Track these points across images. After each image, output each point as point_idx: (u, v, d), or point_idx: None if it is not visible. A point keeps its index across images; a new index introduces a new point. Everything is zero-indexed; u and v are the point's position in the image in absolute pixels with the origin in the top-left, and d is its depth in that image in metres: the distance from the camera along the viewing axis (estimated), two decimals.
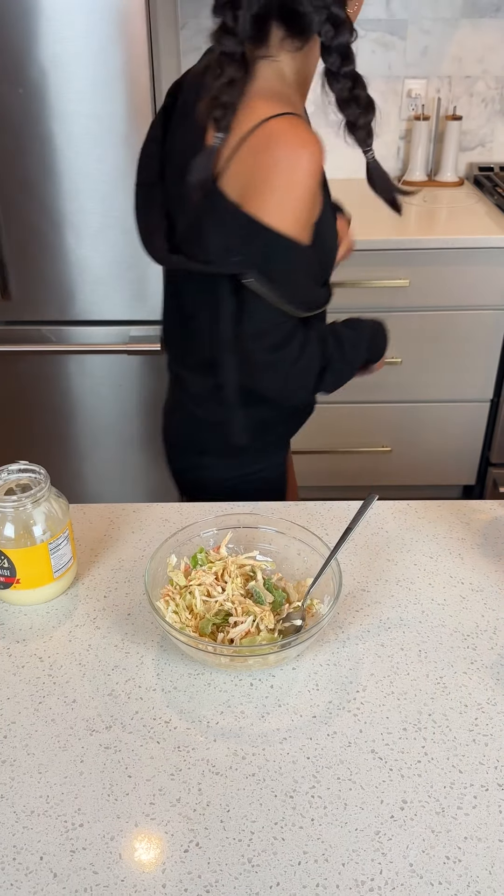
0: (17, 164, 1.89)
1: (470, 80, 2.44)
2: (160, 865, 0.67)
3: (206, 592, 0.88)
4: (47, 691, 0.83)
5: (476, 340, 2.21)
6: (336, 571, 0.87)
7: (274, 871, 0.66)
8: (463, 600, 0.94)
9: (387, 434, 2.34)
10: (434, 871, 0.66)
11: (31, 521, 0.89)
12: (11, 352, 2.09)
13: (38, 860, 0.67)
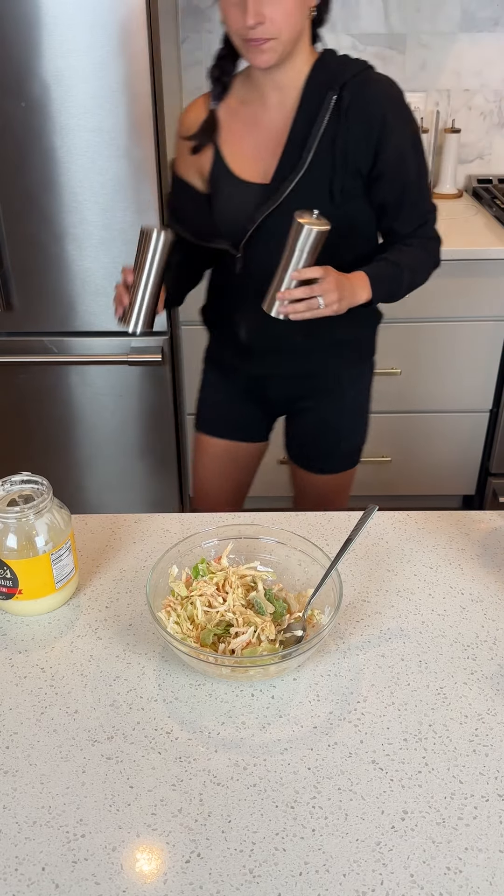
0: (19, 177, 1.91)
1: (468, 93, 2.46)
2: (162, 876, 0.67)
3: (207, 603, 0.89)
4: (49, 702, 0.83)
5: (475, 351, 2.21)
6: (337, 582, 0.88)
7: (275, 881, 0.66)
8: (463, 611, 0.94)
9: (387, 444, 2.34)
10: (435, 882, 0.66)
11: (33, 531, 0.90)
12: (13, 363, 2.10)
13: (41, 871, 0.67)
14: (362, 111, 1.22)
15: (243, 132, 1.32)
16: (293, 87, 1.27)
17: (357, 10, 2.34)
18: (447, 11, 2.35)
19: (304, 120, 1.24)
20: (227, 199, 1.34)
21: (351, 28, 2.37)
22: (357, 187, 1.27)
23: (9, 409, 2.19)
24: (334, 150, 1.23)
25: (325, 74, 1.24)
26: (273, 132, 1.29)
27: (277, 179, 1.27)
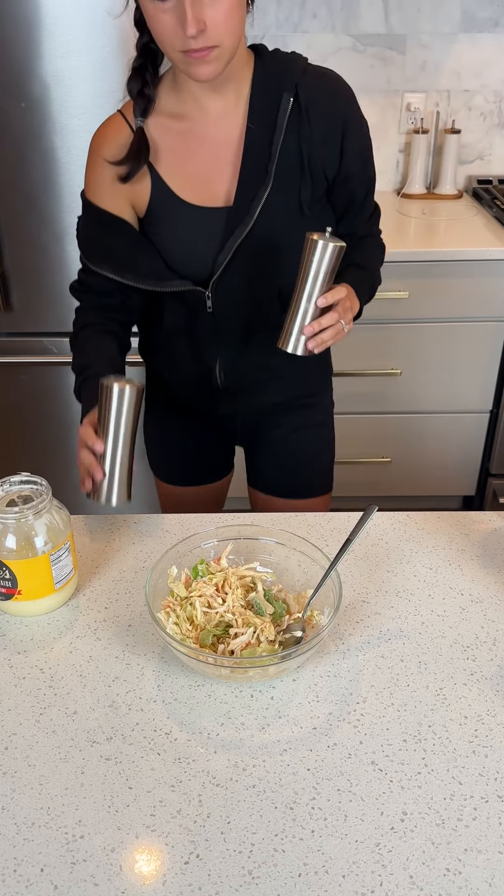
0: (18, 178, 1.91)
1: (468, 93, 2.46)
2: (161, 877, 0.67)
3: (206, 604, 0.89)
4: (48, 703, 0.83)
5: (475, 352, 2.21)
6: (336, 583, 0.88)
7: (274, 882, 0.66)
8: (463, 611, 0.94)
9: (387, 445, 2.34)
10: (434, 883, 0.66)
11: (32, 532, 0.90)
12: (13, 363, 2.10)
13: (39, 872, 0.67)
14: (323, 110, 1.11)
15: (183, 150, 1.13)
16: (237, 93, 1.11)
17: (357, 11, 2.34)
18: (447, 12, 2.35)
19: (260, 127, 1.10)
20: (183, 230, 1.15)
21: (351, 28, 2.37)
22: (323, 195, 1.16)
23: (8, 410, 2.19)
24: (300, 156, 1.11)
25: (271, 74, 1.11)
26: (222, 146, 1.13)
27: (242, 199, 1.11)
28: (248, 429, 1.38)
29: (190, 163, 1.14)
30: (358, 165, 1.16)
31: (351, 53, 2.40)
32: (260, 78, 1.12)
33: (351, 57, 2.41)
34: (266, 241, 1.13)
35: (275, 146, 1.10)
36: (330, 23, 2.35)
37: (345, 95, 1.13)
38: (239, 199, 1.12)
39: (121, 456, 1.01)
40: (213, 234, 1.14)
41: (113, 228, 1.16)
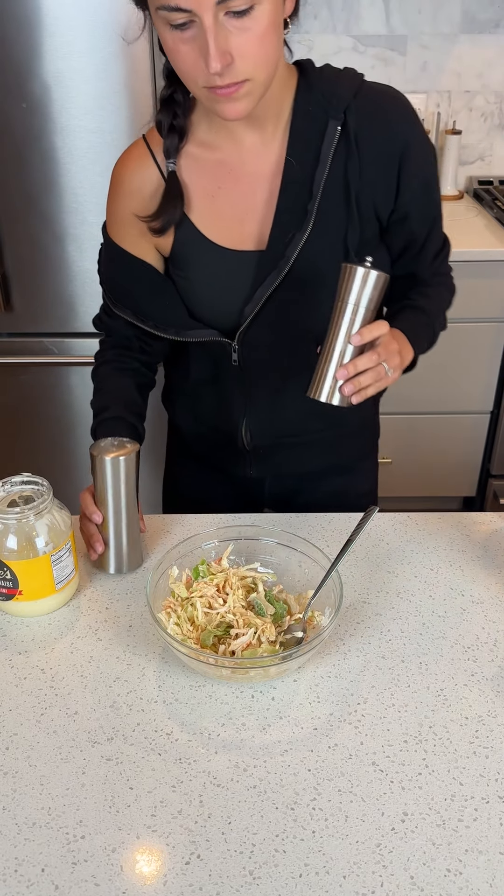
0: (19, 178, 1.91)
1: (469, 94, 2.47)
2: (161, 878, 0.67)
3: (207, 604, 0.89)
4: (49, 703, 0.83)
5: (476, 352, 2.21)
6: (337, 583, 0.88)
7: (275, 883, 0.66)
8: (463, 612, 0.94)
9: (387, 445, 2.32)
10: (435, 884, 0.66)
11: (33, 532, 0.90)
12: (14, 363, 2.10)
13: (40, 872, 0.67)
14: (377, 140, 0.96)
15: (214, 186, 1.02)
16: (276, 119, 0.98)
17: (358, 12, 2.35)
18: (448, 13, 2.35)
19: (301, 161, 0.97)
20: (212, 276, 1.04)
21: (352, 29, 2.37)
22: (375, 235, 1.02)
23: (9, 410, 2.19)
24: (347, 194, 0.97)
25: (316, 97, 0.96)
26: (257, 181, 1.00)
27: (277, 242, 0.99)
28: (278, 494, 1.25)
29: (221, 200, 1.02)
30: (418, 202, 1.01)
31: (352, 54, 2.40)
32: (303, 102, 0.97)
33: (352, 58, 2.41)
34: (302, 289, 1.00)
35: (316, 183, 0.96)
36: (331, 24, 2.36)
37: (404, 119, 0.98)
38: (273, 243, 0.99)
39: (125, 525, 0.98)
40: (242, 279, 1.02)
41: (135, 271, 1.07)
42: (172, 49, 0.86)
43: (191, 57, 0.85)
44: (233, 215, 1.02)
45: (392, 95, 0.99)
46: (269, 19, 0.84)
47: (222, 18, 0.82)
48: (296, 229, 0.98)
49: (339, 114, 0.95)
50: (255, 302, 1.01)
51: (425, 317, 1.08)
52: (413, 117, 0.98)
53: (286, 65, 0.97)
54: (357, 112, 0.96)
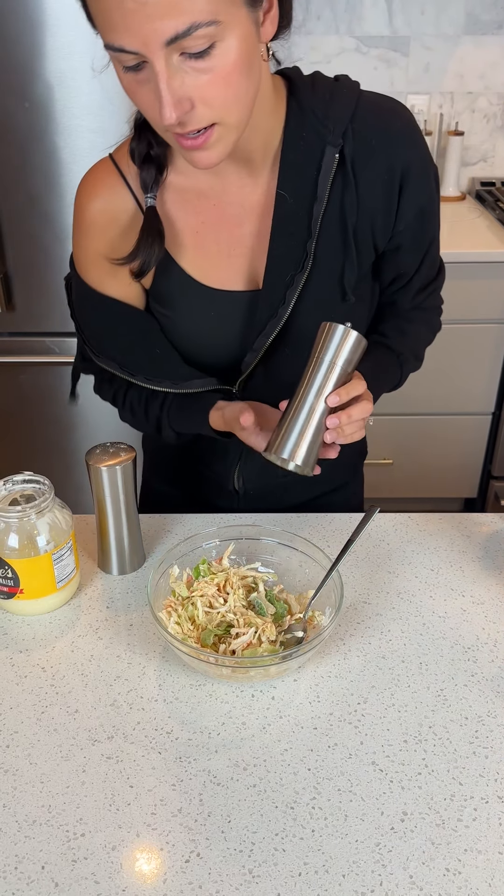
0: (22, 178, 1.91)
1: (472, 95, 2.47)
2: (161, 876, 0.67)
3: (208, 604, 0.89)
4: (50, 701, 0.83)
5: (477, 354, 2.22)
6: (337, 583, 0.88)
7: (274, 881, 0.66)
8: (464, 613, 0.94)
9: (388, 446, 2.34)
10: (434, 883, 0.66)
11: (34, 531, 0.90)
12: (15, 363, 2.10)
13: (40, 869, 0.67)
14: (377, 165, 0.87)
15: (197, 220, 0.93)
16: (265, 150, 0.88)
17: (361, 13, 2.35)
18: (451, 14, 2.36)
19: (296, 195, 0.88)
20: (200, 318, 0.96)
21: (355, 30, 2.37)
22: (369, 269, 0.96)
23: (10, 410, 2.19)
24: (344, 228, 0.89)
25: (309, 120, 0.86)
26: (245, 214, 0.92)
27: (274, 284, 0.91)
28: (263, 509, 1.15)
29: (205, 237, 0.93)
30: (416, 231, 0.93)
31: (354, 55, 2.40)
32: (295, 126, 0.87)
33: (354, 59, 2.41)
34: (301, 332, 0.93)
35: (314, 220, 0.88)
36: (334, 24, 2.36)
37: (406, 140, 0.88)
38: (270, 285, 0.92)
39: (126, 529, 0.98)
40: (233, 322, 0.95)
41: (119, 317, 0.96)
42: (129, 91, 0.76)
43: (148, 100, 0.75)
44: (219, 252, 0.93)
45: (391, 111, 0.89)
46: (237, 55, 0.72)
47: (177, 60, 0.71)
48: (294, 270, 0.90)
49: (338, 139, 0.86)
50: (256, 351, 0.95)
51: (395, 359, 1.02)
52: (415, 136, 0.90)
53: (272, 85, 0.86)
54: (355, 135, 0.86)
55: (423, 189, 0.92)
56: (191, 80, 0.72)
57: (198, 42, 0.70)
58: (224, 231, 0.93)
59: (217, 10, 0.69)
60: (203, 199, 0.92)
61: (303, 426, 0.83)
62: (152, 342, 0.98)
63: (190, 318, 0.97)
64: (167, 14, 0.67)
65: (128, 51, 0.71)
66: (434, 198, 0.94)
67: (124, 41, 0.70)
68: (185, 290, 0.95)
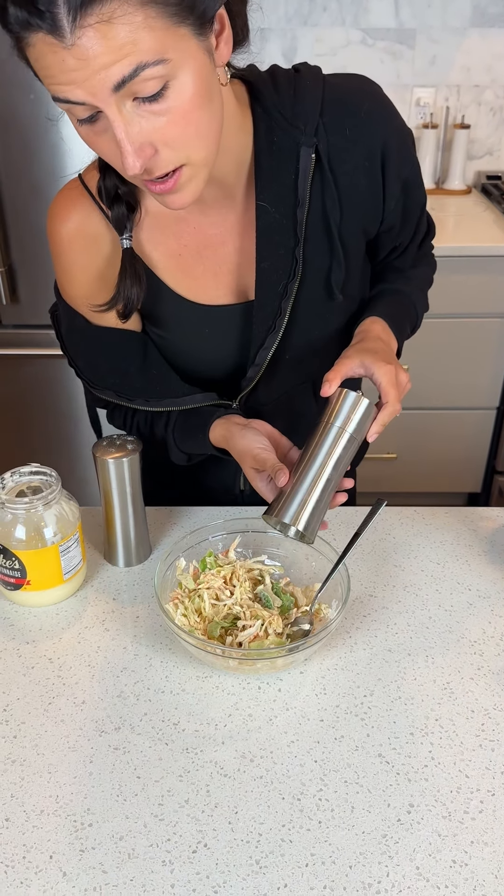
0: (26, 169, 1.91)
1: (478, 88, 2.46)
2: (168, 865, 0.67)
3: (214, 596, 0.89)
4: (57, 692, 0.83)
5: (483, 348, 2.21)
6: (344, 576, 0.88)
7: (281, 872, 0.67)
8: (470, 606, 0.94)
9: (392, 441, 2.34)
10: (440, 875, 0.66)
11: (41, 523, 0.90)
12: (20, 355, 2.10)
13: (48, 859, 0.68)
14: (355, 153, 0.85)
15: (177, 245, 0.91)
16: (238, 166, 0.86)
17: (367, 5, 2.34)
18: (458, 6, 2.34)
19: (276, 202, 0.86)
20: (194, 335, 0.95)
21: (360, 23, 2.36)
22: (358, 258, 0.94)
23: (15, 402, 2.19)
24: (327, 227, 0.88)
25: (278, 123, 0.84)
26: (226, 232, 0.91)
27: (268, 295, 0.90)
28: None
29: (188, 259, 0.92)
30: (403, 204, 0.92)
31: (360, 48, 2.39)
32: (264, 131, 0.84)
33: (360, 51, 2.40)
34: (299, 339, 0.94)
35: (300, 224, 0.87)
36: (340, 16, 2.35)
37: (377, 115, 0.86)
38: (263, 297, 0.90)
39: (132, 522, 0.97)
40: (227, 335, 0.95)
41: (114, 345, 0.95)
42: (88, 142, 0.73)
43: (109, 150, 0.72)
44: (204, 272, 0.92)
45: (359, 91, 0.86)
46: (193, 91, 0.69)
47: (131, 106, 0.67)
48: (286, 279, 0.89)
49: (311, 139, 0.83)
50: (259, 366, 0.94)
51: (407, 301, 1.00)
52: (386, 109, 0.87)
53: (234, 97, 0.82)
54: (327, 129, 0.84)
55: (404, 161, 0.89)
56: (149, 125, 0.69)
57: (148, 84, 0.66)
58: (207, 252, 0.92)
59: (163, 47, 0.65)
60: (182, 223, 0.91)
61: (307, 492, 0.82)
62: (149, 363, 0.96)
63: (184, 336, 0.96)
64: (110, 59, 0.63)
65: (76, 102, 0.67)
66: (416, 164, 0.92)
67: (70, 94, 0.66)
68: (177, 310, 0.94)
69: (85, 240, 0.89)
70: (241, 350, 0.96)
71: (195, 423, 0.98)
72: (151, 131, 0.69)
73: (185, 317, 0.94)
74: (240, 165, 0.86)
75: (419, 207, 0.97)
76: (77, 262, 0.91)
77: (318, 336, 0.96)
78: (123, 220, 0.86)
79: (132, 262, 0.87)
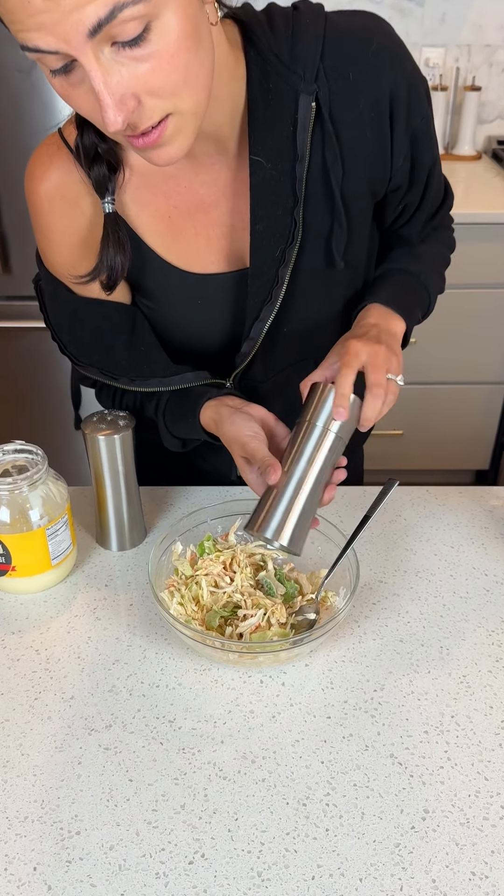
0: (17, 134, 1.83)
1: (490, 48, 2.36)
2: (163, 878, 0.62)
3: (213, 583, 0.83)
4: (43, 686, 0.78)
5: (491, 320, 2.14)
6: (353, 562, 0.82)
7: (285, 885, 0.61)
8: (487, 593, 0.88)
9: (398, 417, 2.28)
10: (459, 888, 0.61)
11: (27, 504, 0.84)
12: (12, 328, 2.05)
13: (32, 871, 0.63)
14: (360, 101, 0.77)
15: (167, 205, 0.84)
16: (231, 116, 0.78)
17: None
18: None
19: (272, 157, 0.78)
20: (185, 307, 0.88)
21: None
22: (363, 221, 0.86)
23: (7, 376, 2.14)
24: (328, 185, 0.80)
25: (274, 67, 0.75)
26: (219, 190, 0.83)
27: (263, 262, 0.82)
28: None
29: (179, 221, 0.84)
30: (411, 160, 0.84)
31: (367, 5, 2.29)
32: (259, 77, 0.76)
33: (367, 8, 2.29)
34: (297, 309, 0.86)
35: (299, 182, 0.79)
36: None
37: (386, 55, 0.77)
38: (258, 264, 0.83)
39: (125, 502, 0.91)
40: (221, 308, 0.88)
41: (95, 317, 0.88)
42: (64, 96, 0.65)
43: (87, 104, 0.64)
44: (196, 236, 0.85)
45: (364, 29, 0.77)
46: (179, 31, 0.61)
47: (109, 53, 0.60)
48: (284, 243, 0.81)
49: (311, 85, 0.75)
50: (254, 340, 0.86)
51: (416, 283, 0.92)
52: (397, 52, 0.78)
53: (226, 39, 0.74)
54: (329, 74, 0.75)
55: (415, 110, 0.80)
56: (130, 73, 0.61)
57: (128, 27, 0.58)
58: (199, 215, 0.84)
59: None
60: (171, 182, 0.83)
61: (289, 502, 0.75)
62: (138, 339, 0.89)
63: (174, 308, 0.89)
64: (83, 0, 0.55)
65: (47, 51, 0.59)
66: (428, 116, 0.82)
67: (40, 41, 0.58)
68: (166, 279, 0.87)
69: (65, 201, 0.82)
70: (236, 323, 0.89)
71: (185, 405, 0.90)
72: (133, 80, 0.61)
73: (174, 287, 0.87)
74: (234, 117, 0.78)
75: (429, 165, 0.87)
76: (57, 226, 0.84)
77: (320, 309, 0.89)
78: (105, 182, 0.79)
79: (115, 227, 0.80)
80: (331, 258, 0.84)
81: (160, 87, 0.63)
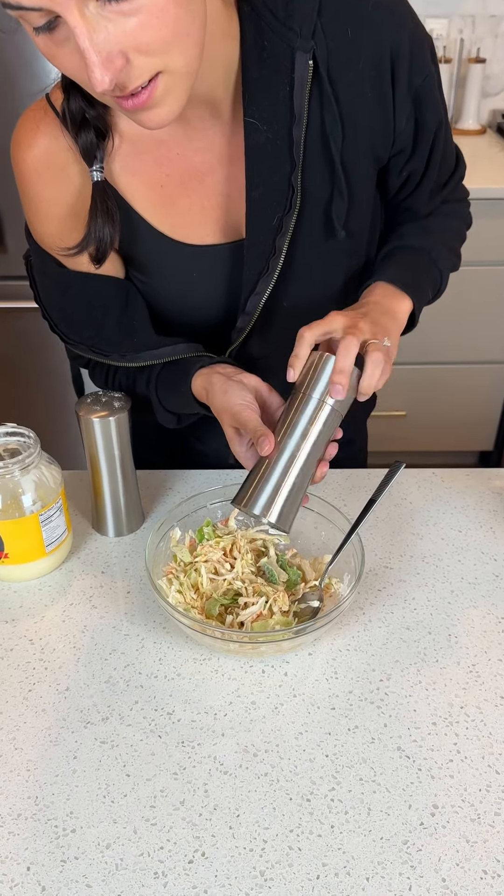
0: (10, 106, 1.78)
1: (495, 19, 2.30)
2: (161, 878, 0.59)
3: (213, 570, 0.80)
4: (38, 678, 0.75)
5: (496, 298, 2.11)
6: (357, 547, 0.79)
7: (289, 885, 0.59)
8: (496, 579, 0.86)
9: (401, 397, 2.25)
10: (470, 888, 0.59)
11: (19, 489, 0.81)
12: (8, 308, 2.01)
13: (25, 871, 0.60)
14: (360, 60, 0.73)
15: (160, 174, 0.80)
16: (225, 76, 0.74)
17: None
18: None
19: (268, 119, 0.74)
20: (179, 280, 0.85)
21: None
22: (366, 187, 0.82)
23: (3, 358, 2.11)
24: (326, 150, 0.76)
25: (270, 23, 0.72)
26: (214, 157, 0.80)
27: (259, 231, 0.79)
28: None
29: (172, 189, 0.81)
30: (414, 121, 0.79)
31: None
32: (253, 34, 0.72)
33: None
34: (295, 280, 0.82)
35: (296, 145, 0.75)
36: None
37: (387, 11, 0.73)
38: (254, 233, 0.79)
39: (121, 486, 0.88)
40: (217, 280, 0.84)
41: (85, 292, 0.84)
42: (48, 56, 0.62)
43: (72, 64, 0.61)
44: (190, 206, 0.81)
45: None
46: None
47: (94, 8, 0.57)
48: (281, 211, 0.77)
49: (308, 42, 0.71)
50: (249, 314, 0.83)
51: (425, 259, 0.87)
52: (399, 6, 0.75)
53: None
54: (326, 31, 0.72)
55: (417, 68, 0.76)
56: (117, 29, 0.58)
57: None
58: (193, 184, 0.81)
59: None
60: (163, 148, 0.79)
61: (280, 477, 0.72)
62: (130, 314, 0.85)
63: (168, 281, 0.85)
64: None
65: (29, 7, 0.56)
66: (432, 75, 0.78)
67: None
68: (159, 251, 0.83)
69: (52, 169, 0.79)
70: (232, 297, 0.85)
71: (177, 376, 0.86)
72: (121, 37, 0.58)
73: (168, 259, 0.84)
74: (227, 78, 0.74)
75: (433, 127, 0.82)
76: (44, 196, 0.80)
77: (320, 282, 0.86)
78: (93, 150, 0.76)
79: (104, 197, 0.77)
80: (331, 227, 0.80)
81: (149, 44, 0.59)
